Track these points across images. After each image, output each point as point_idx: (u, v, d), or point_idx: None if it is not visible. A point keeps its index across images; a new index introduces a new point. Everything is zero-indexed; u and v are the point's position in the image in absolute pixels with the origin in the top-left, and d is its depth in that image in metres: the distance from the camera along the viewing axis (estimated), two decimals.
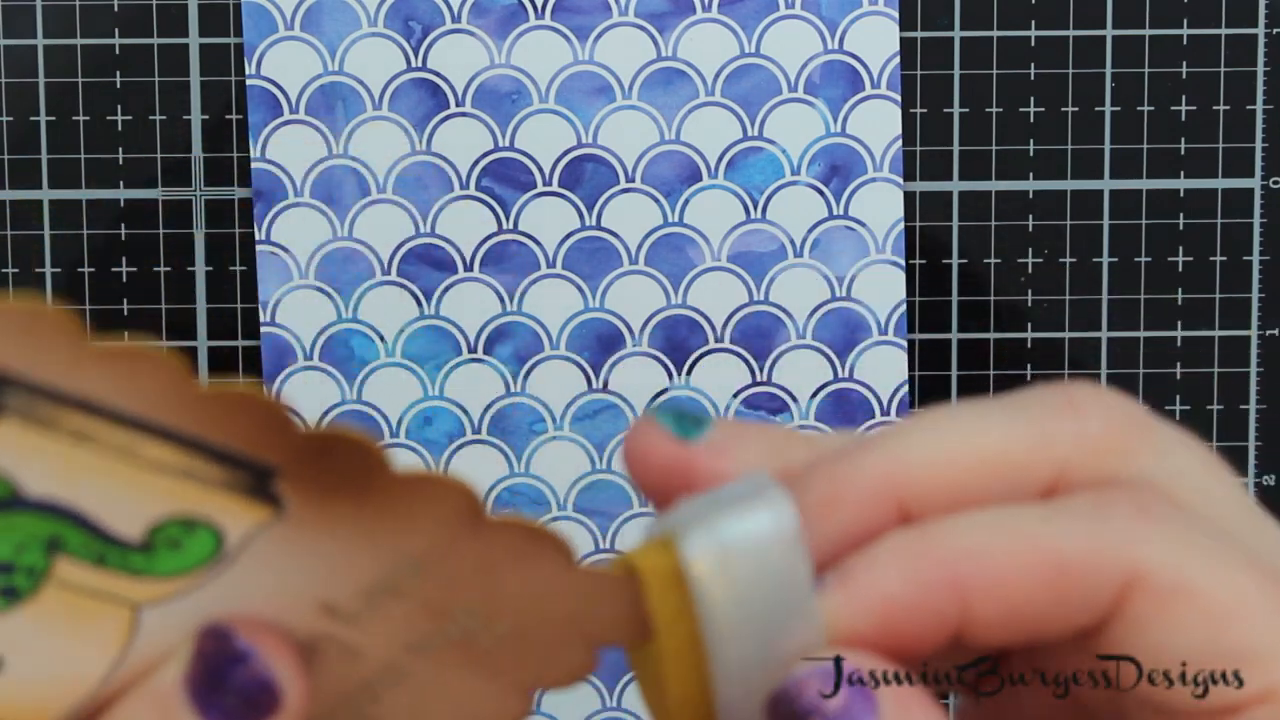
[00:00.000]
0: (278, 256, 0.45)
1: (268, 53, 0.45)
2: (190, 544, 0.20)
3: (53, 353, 0.19)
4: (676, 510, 0.20)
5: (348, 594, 0.21)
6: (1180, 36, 0.46)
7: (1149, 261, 0.46)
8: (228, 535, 0.20)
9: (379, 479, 0.20)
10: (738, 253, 0.46)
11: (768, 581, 0.19)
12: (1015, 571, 0.19)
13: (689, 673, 0.20)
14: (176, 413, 0.20)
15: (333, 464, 0.20)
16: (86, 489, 0.20)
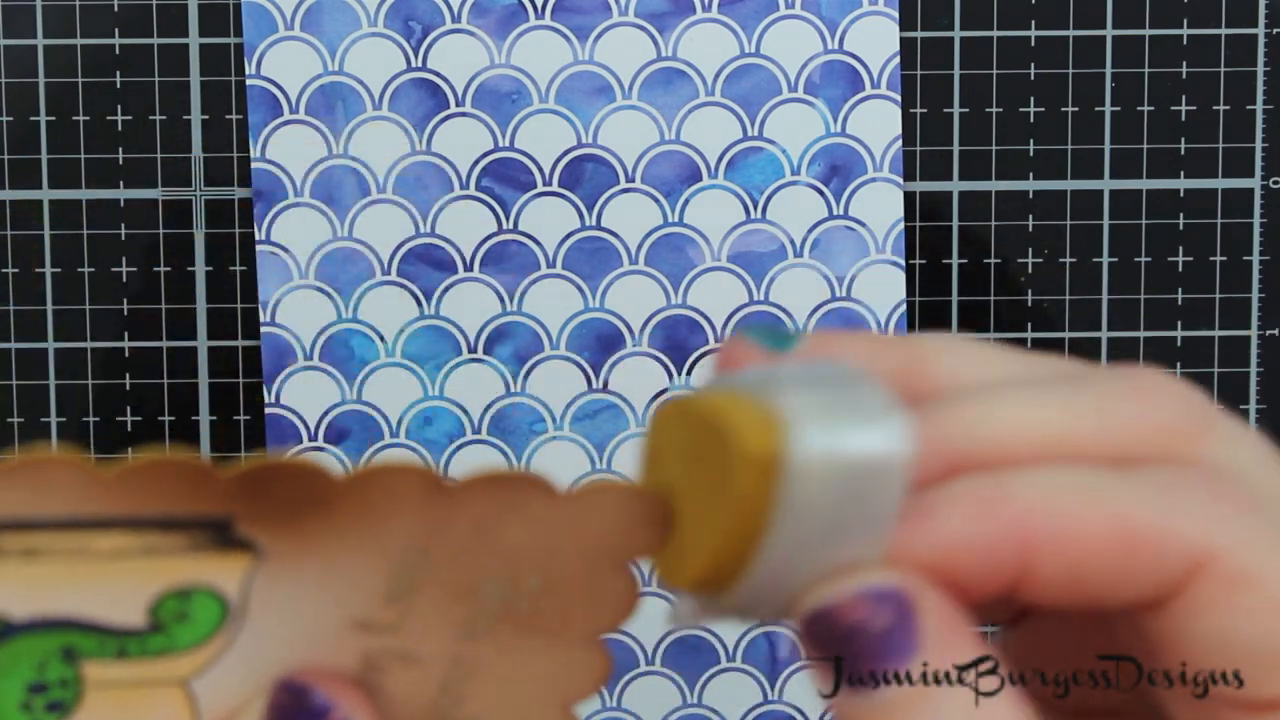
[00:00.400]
0: (278, 256, 0.45)
1: (268, 53, 0.45)
2: (196, 612, 0.21)
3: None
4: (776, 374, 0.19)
5: (373, 606, 0.21)
6: (1180, 36, 0.46)
7: (1149, 261, 0.46)
8: (226, 592, 0.21)
9: (328, 491, 0.20)
10: (738, 253, 0.46)
11: (864, 500, 0.19)
12: (1085, 533, 0.18)
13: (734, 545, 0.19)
14: (99, 502, 0.20)
15: (277, 493, 0.20)
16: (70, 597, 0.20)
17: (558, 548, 0.21)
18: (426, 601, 0.21)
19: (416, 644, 0.21)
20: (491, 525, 0.21)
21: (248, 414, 0.46)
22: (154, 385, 0.46)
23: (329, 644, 0.21)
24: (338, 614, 0.21)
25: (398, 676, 0.21)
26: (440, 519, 0.21)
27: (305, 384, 0.45)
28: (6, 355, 0.46)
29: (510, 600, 0.21)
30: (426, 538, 0.21)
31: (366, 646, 0.21)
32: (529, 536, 0.21)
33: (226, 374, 0.46)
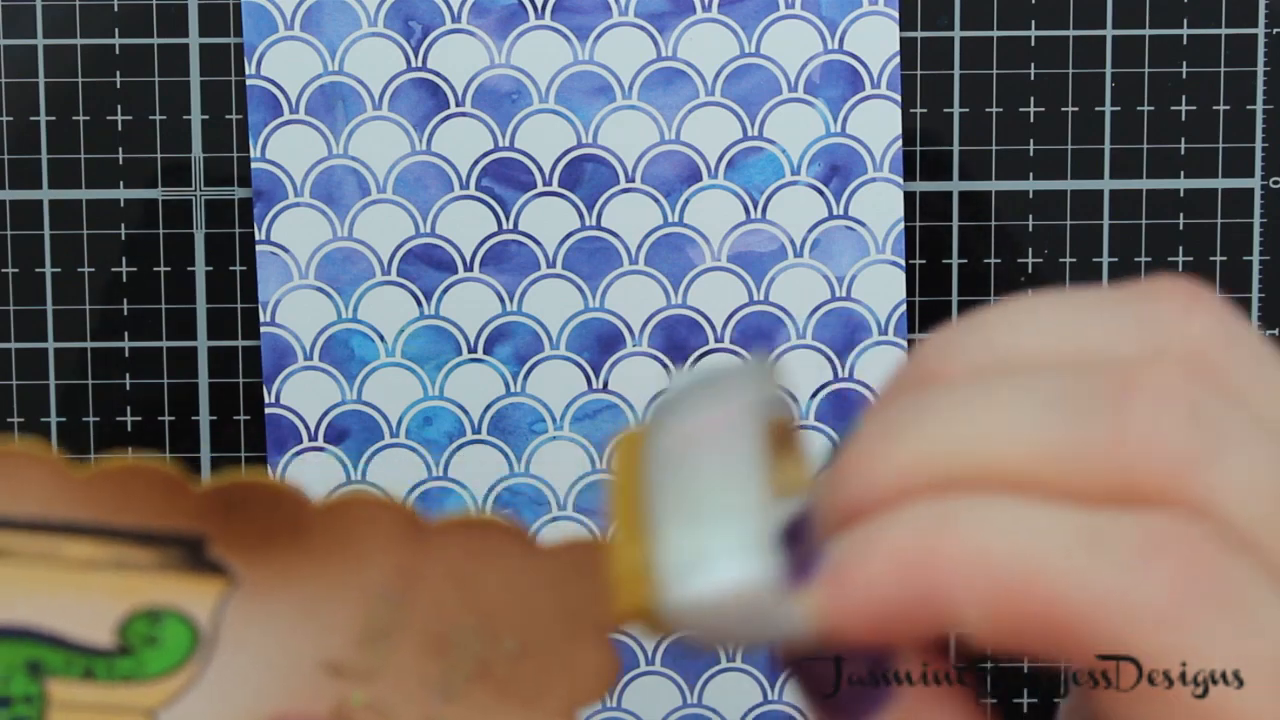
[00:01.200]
0: (278, 256, 0.45)
1: (268, 53, 0.45)
2: (166, 637, 0.20)
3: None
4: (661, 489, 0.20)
5: (346, 648, 0.21)
6: (1180, 36, 0.46)
7: (1149, 261, 0.46)
8: (197, 619, 0.20)
9: (303, 517, 0.20)
10: (738, 253, 0.46)
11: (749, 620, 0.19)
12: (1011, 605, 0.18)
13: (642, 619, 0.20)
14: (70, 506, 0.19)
15: (251, 514, 0.20)
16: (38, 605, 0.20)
17: (536, 608, 0.21)
18: (401, 651, 0.21)
19: (390, 696, 0.21)
20: (469, 575, 0.20)
21: (248, 414, 0.46)
22: (154, 385, 0.46)
23: (301, 686, 0.21)
24: (311, 653, 0.21)
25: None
26: (417, 562, 0.20)
27: (305, 384, 0.45)
28: (6, 355, 0.46)
29: (486, 659, 0.21)
30: (403, 580, 0.20)
31: (339, 694, 0.21)
32: (506, 590, 0.21)
33: (226, 374, 0.46)
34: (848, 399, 0.46)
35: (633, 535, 0.20)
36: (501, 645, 0.21)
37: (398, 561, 0.20)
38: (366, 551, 0.20)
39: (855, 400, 0.46)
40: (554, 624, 0.21)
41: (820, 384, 0.46)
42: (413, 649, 0.21)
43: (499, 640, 0.21)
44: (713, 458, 0.20)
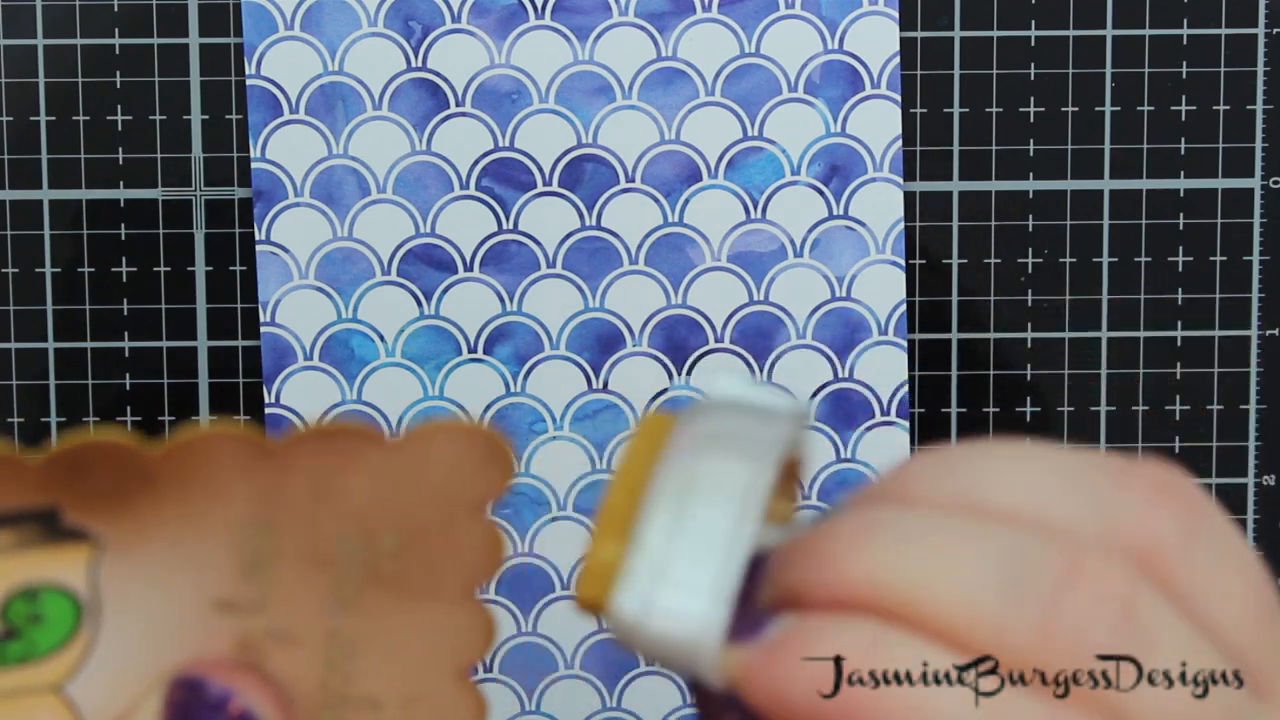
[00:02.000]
0: (278, 256, 0.45)
1: (268, 53, 0.45)
2: (48, 612, 0.20)
3: None
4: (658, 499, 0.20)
5: (229, 583, 0.21)
6: (1180, 36, 0.46)
7: (1149, 261, 0.46)
8: (74, 588, 0.20)
9: (146, 467, 0.20)
10: (738, 253, 0.46)
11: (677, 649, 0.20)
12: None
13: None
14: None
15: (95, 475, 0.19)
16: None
17: (405, 499, 0.21)
18: (285, 573, 0.21)
19: (287, 620, 0.21)
20: (329, 484, 0.20)
21: (248, 414, 0.46)
22: (154, 385, 0.46)
23: (197, 630, 0.21)
24: (196, 596, 0.20)
25: (278, 659, 0.21)
26: (272, 484, 0.20)
27: (305, 384, 0.45)
28: (6, 355, 0.46)
29: (371, 562, 0.21)
30: (264, 505, 0.20)
31: (237, 629, 0.21)
32: (372, 491, 0.21)
33: (226, 374, 0.46)
34: (848, 399, 0.46)
35: (617, 531, 0.20)
36: (382, 545, 0.21)
37: (254, 487, 0.20)
38: (220, 485, 0.20)
39: (855, 400, 0.46)
40: (427, 512, 0.21)
41: (820, 384, 0.46)
42: (295, 569, 0.21)
43: (378, 541, 0.21)
44: (720, 491, 0.20)
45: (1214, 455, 0.47)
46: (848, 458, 0.46)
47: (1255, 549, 0.47)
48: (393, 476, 0.21)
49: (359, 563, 0.21)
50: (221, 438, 0.20)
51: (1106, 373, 0.47)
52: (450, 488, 0.21)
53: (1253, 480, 0.47)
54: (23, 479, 0.19)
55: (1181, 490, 0.20)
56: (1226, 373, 0.47)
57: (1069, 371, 0.46)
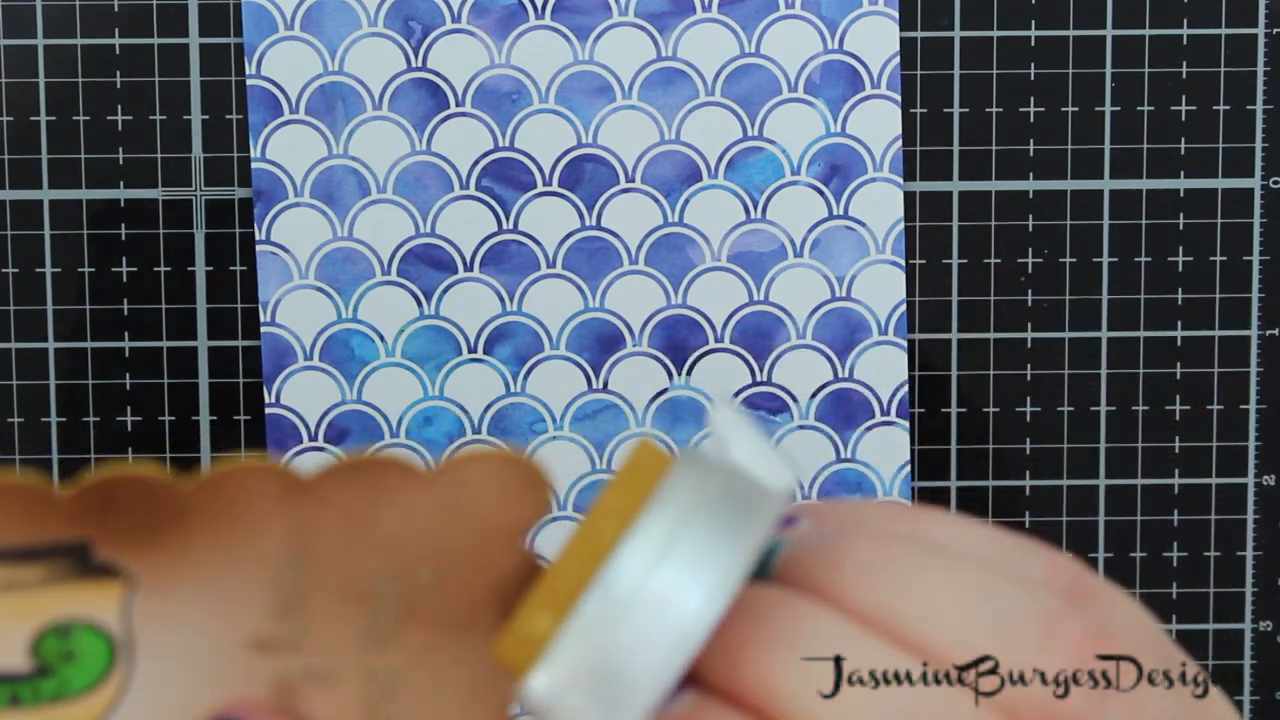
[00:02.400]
0: (278, 256, 0.45)
1: (268, 53, 0.45)
2: (82, 649, 0.20)
3: None
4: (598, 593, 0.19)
5: (264, 622, 0.20)
6: (1180, 36, 0.46)
7: (1149, 261, 0.46)
8: (107, 625, 0.20)
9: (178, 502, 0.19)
10: (738, 253, 0.46)
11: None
12: None
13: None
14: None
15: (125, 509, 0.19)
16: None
17: (440, 532, 0.20)
18: (321, 610, 0.20)
19: (324, 659, 0.20)
20: (362, 519, 0.20)
21: (248, 414, 0.46)
22: (154, 385, 0.46)
23: (233, 670, 0.20)
24: (231, 635, 0.20)
25: (317, 701, 0.20)
26: (306, 518, 0.20)
27: (305, 384, 0.45)
28: (6, 355, 0.46)
29: (408, 596, 0.20)
30: (297, 541, 0.20)
31: (275, 671, 0.20)
32: (406, 525, 0.20)
33: (226, 374, 0.46)
34: (848, 399, 0.46)
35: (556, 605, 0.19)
36: (418, 578, 0.21)
37: (288, 522, 0.20)
38: (252, 520, 0.20)
39: (855, 400, 0.46)
40: (463, 543, 0.20)
41: (820, 384, 0.46)
42: (331, 606, 0.20)
43: (414, 575, 0.20)
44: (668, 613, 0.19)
45: (1214, 455, 0.47)
46: (848, 458, 0.46)
47: (1253, 549, 0.47)
48: (427, 508, 0.20)
49: (395, 597, 0.21)
50: (254, 471, 0.20)
51: (1106, 373, 0.47)
52: (486, 518, 0.20)
53: (1253, 480, 0.47)
54: (53, 512, 0.19)
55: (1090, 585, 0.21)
56: (1226, 373, 0.47)
57: (1069, 371, 0.46)
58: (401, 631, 0.21)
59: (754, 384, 0.46)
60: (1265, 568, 0.47)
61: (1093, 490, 0.47)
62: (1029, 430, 0.47)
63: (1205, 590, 0.47)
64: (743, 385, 0.46)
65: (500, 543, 0.20)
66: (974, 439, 0.46)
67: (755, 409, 0.46)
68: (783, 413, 0.46)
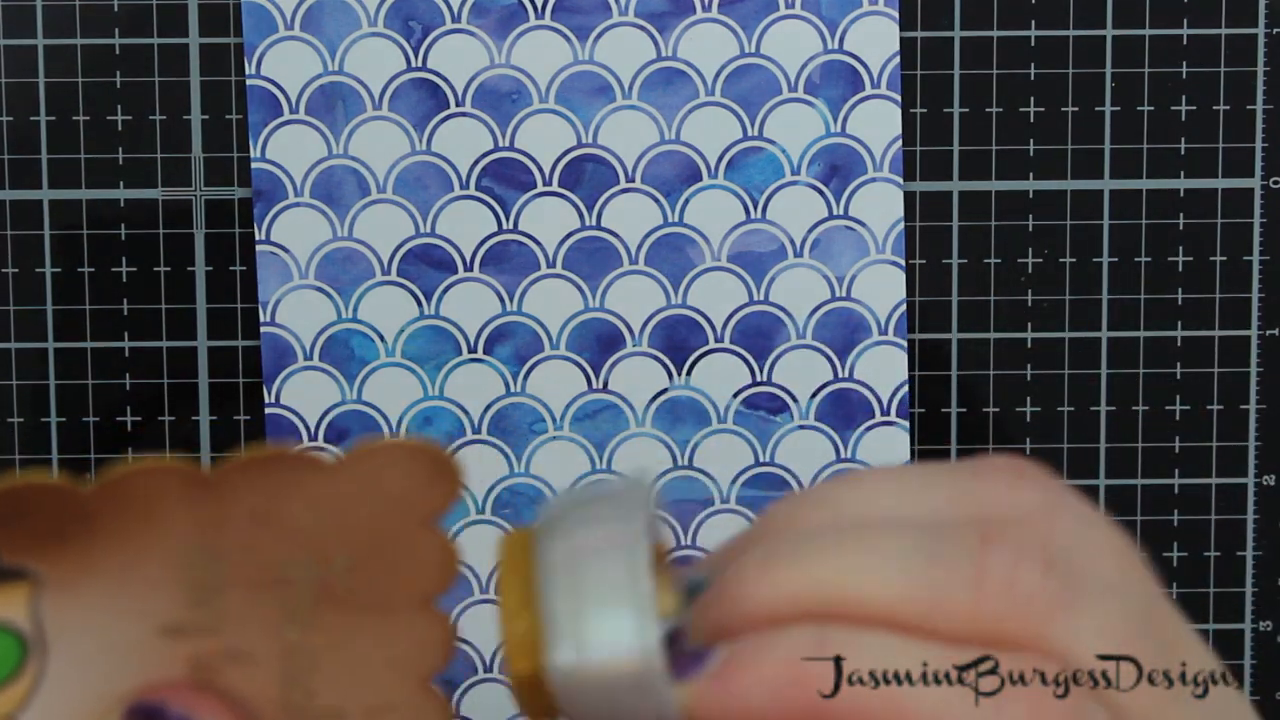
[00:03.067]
0: (278, 256, 0.45)
1: (268, 53, 0.45)
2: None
3: None
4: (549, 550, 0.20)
5: (177, 610, 0.21)
6: (1180, 36, 0.46)
7: (1149, 261, 0.46)
8: (16, 624, 0.20)
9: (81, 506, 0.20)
10: (738, 253, 0.46)
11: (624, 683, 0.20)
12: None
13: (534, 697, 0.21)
14: None
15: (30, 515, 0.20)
16: None
17: (351, 520, 0.21)
18: (235, 597, 0.21)
19: (240, 640, 0.21)
20: (270, 512, 0.21)
21: (248, 414, 0.46)
22: (154, 385, 0.46)
23: (148, 656, 0.21)
24: (143, 624, 0.21)
25: (232, 677, 0.21)
26: (212, 513, 0.21)
27: (305, 384, 0.45)
28: (6, 355, 0.46)
29: (323, 580, 0.21)
30: (206, 534, 0.21)
31: (189, 652, 0.21)
32: (315, 514, 0.21)
33: (226, 374, 0.46)
34: (848, 399, 0.46)
35: (522, 606, 0.20)
36: (334, 564, 0.21)
37: (194, 517, 0.20)
38: (158, 517, 0.20)
39: (855, 400, 0.46)
40: (377, 529, 0.21)
41: (820, 384, 0.46)
42: (244, 592, 0.21)
43: (330, 560, 0.21)
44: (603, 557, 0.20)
45: (1214, 455, 0.47)
46: (848, 458, 0.46)
47: (1253, 549, 0.47)
48: (335, 499, 0.21)
49: (310, 581, 0.21)
50: (154, 471, 0.20)
51: (1106, 373, 0.47)
52: (397, 505, 0.21)
53: (1253, 480, 0.47)
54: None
55: (1033, 471, 0.22)
56: (1226, 373, 0.47)
57: (1069, 371, 0.46)
58: (318, 613, 0.21)
59: (754, 384, 0.46)
60: (1265, 568, 0.47)
61: (1093, 490, 0.47)
62: (1029, 430, 0.47)
63: (1205, 590, 0.47)
64: (743, 385, 0.46)
65: (414, 527, 0.21)
66: (974, 439, 0.46)
67: (755, 409, 0.46)
68: (783, 413, 0.46)
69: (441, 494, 0.21)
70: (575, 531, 0.21)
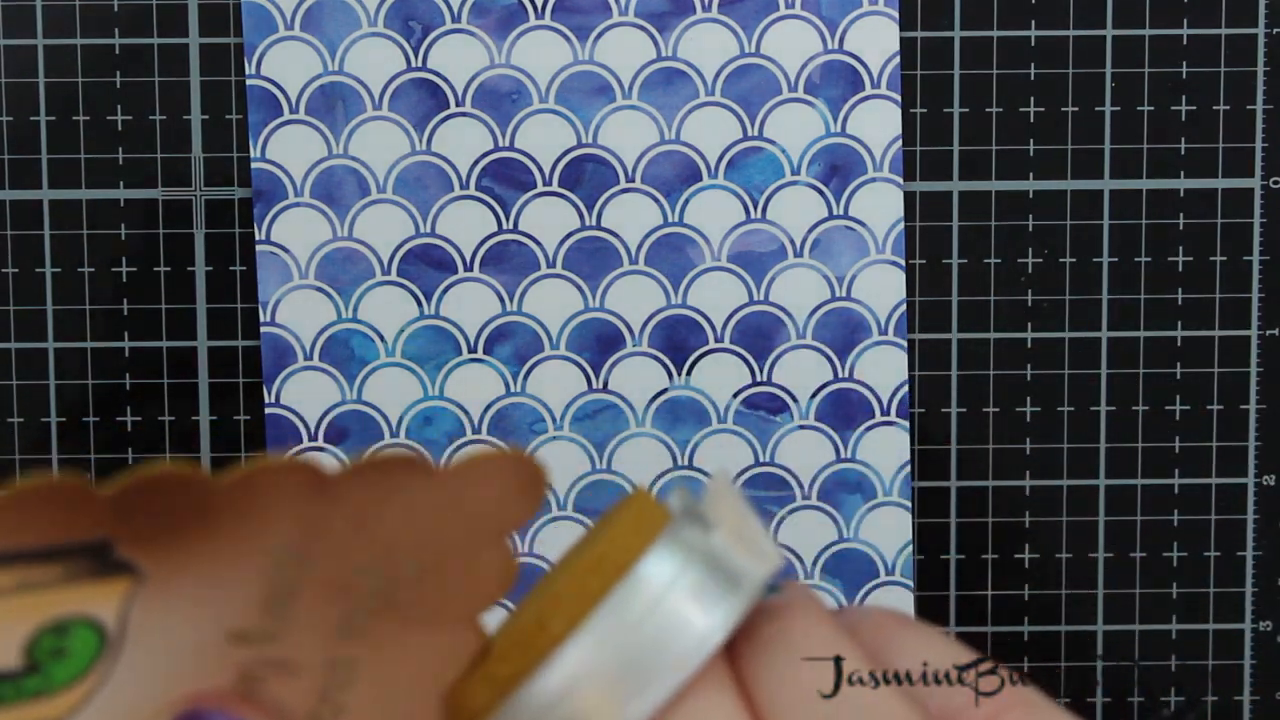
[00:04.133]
0: (278, 256, 0.45)
1: (268, 53, 0.45)
2: (74, 646, 0.19)
3: None
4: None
5: (249, 614, 0.20)
6: (1180, 36, 0.46)
7: (1149, 261, 0.46)
8: (103, 620, 0.20)
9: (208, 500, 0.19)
10: (738, 253, 0.46)
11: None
12: None
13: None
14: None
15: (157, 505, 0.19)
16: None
17: (436, 529, 0.20)
18: (304, 604, 0.20)
19: (293, 652, 0.21)
20: (370, 516, 0.20)
21: (248, 414, 0.46)
22: (154, 385, 0.46)
23: (209, 661, 0.20)
24: (215, 627, 0.20)
25: (276, 686, 0.21)
26: (320, 514, 0.20)
27: (305, 384, 0.45)
28: (6, 355, 0.46)
29: (390, 593, 0.21)
30: (305, 534, 0.20)
31: (243, 659, 0.20)
32: (407, 522, 0.20)
33: (226, 374, 0.46)
34: (848, 399, 0.46)
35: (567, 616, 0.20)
36: (401, 573, 0.21)
37: (300, 519, 0.20)
38: (270, 516, 0.20)
39: (855, 400, 0.46)
40: (450, 536, 0.21)
41: (820, 384, 0.46)
42: (314, 601, 0.20)
43: (399, 568, 0.21)
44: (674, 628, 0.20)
45: (1214, 455, 0.47)
46: (848, 458, 0.46)
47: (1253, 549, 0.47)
48: (430, 506, 0.20)
49: (375, 591, 0.21)
50: (285, 469, 0.20)
51: (1106, 373, 0.47)
52: (482, 516, 0.21)
53: (1253, 480, 0.47)
54: (88, 510, 0.19)
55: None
56: (1226, 373, 0.47)
57: (1069, 371, 0.46)
58: (374, 623, 0.21)
59: (754, 384, 0.46)
60: (1265, 568, 0.47)
61: (1093, 490, 0.47)
62: (1029, 430, 0.47)
63: (1205, 590, 0.47)
64: (743, 385, 0.46)
65: (487, 540, 0.21)
66: (974, 439, 0.46)
67: (755, 409, 0.46)
68: (783, 413, 0.46)
69: (525, 508, 0.21)
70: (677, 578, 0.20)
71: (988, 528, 0.47)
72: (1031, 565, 0.47)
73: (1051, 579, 0.47)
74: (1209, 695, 0.47)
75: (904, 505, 0.46)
